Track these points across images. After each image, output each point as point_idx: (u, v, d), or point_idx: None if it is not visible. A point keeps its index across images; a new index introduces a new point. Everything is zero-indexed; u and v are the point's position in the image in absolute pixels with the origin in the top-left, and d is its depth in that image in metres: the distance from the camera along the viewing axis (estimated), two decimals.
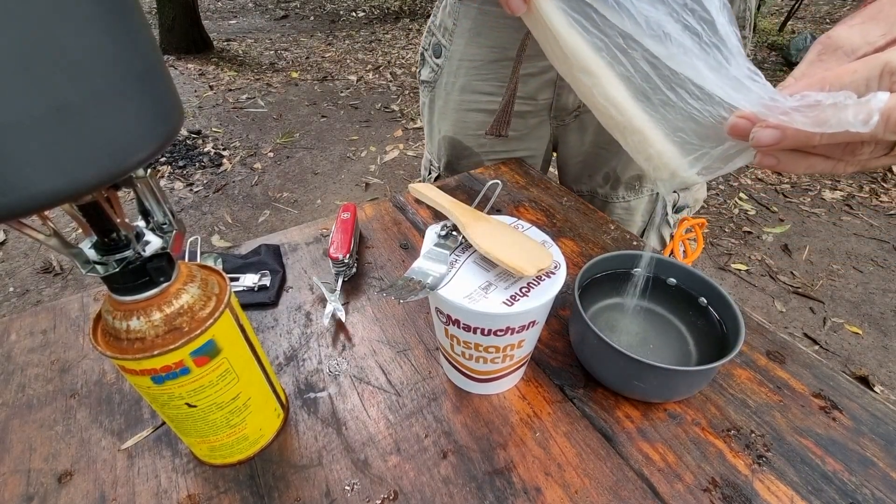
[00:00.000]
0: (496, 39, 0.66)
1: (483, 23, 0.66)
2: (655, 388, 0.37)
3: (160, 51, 0.21)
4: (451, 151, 0.79)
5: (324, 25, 5.15)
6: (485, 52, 0.67)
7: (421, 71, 0.78)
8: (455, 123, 0.75)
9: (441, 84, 0.74)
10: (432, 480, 0.35)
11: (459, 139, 0.76)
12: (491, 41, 0.66)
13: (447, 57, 0.71)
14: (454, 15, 0.68)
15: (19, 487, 0.35)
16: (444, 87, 0.74)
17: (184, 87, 3.38)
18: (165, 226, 0.27)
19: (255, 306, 0.50)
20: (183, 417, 0.31)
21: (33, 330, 0.47)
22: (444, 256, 0.36)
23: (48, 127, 0.16)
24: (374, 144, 2.67)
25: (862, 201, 2.14)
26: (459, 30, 0.68)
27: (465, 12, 0.66)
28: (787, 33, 4.57)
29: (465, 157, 0.78)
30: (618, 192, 0.75)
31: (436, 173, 0.83)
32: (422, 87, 0.79)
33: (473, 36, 0.67)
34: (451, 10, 0.68)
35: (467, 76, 0.70)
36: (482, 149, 0.76)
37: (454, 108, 0.74)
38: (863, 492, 0.33)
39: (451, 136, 0.77)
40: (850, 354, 1.44)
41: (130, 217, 0.23)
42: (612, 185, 0.75)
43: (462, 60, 0.70)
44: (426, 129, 0.83)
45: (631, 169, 0.72)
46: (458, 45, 0.69)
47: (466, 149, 0.77)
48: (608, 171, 0.74)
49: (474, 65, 0.69)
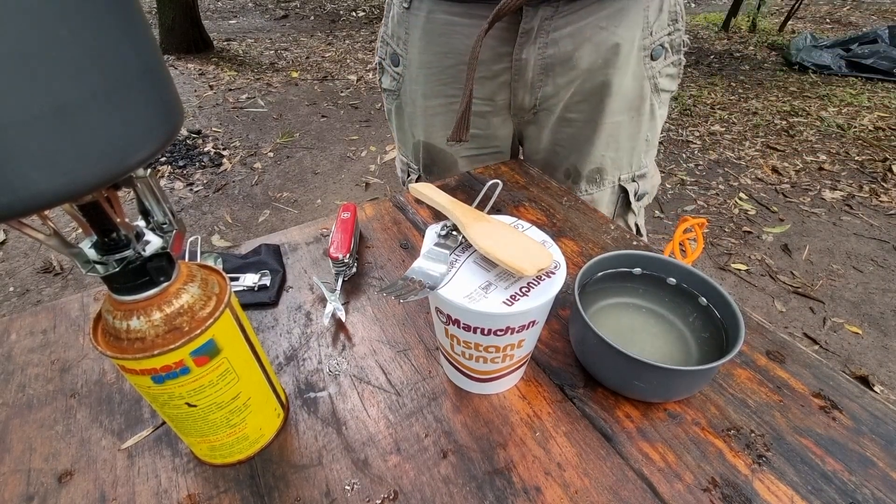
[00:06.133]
0: (447, 46, 0.67)
1: (432, 31, 0.67)
2: (655, 388, 0.37)
3: (160, 51, 0.20)
4: (426, 155, 0.80)
5: (324, 25, 5.15)
6: (440, 59, 0.69)
7: (381, 79, 0.79)
8: (425, 129, 0.77)
9: (405, 91, 0.75)
10: (432, 480, 0.35)
11: (432, 142, 0.78)
12: (443, 48, 0.67)
13: (405, 65, 0.72)
14: (404, 24, 0.69)
15: (19, 487, 0.35)
16: (410, 94, 0.75)
17: (184, 86, 3.38)
18: (165, 225, 0.27)
19: (255, 306, 0.50)
20: (183, 417, 0.31)
21: (33, 330, 0.47)
22: (444, 256, 0.36)
23: (48, 127, 0.16)
24: (374, 144, 2.67)
25: (862, 201, 2.14)
26: (412, 38, 0.69)
27: (414, 22, 0.68)
28: (787, 33, 4.57)
29: (441, 160, 0.80)
30: (580, 186, 0.77)
31: (415, 175, 0.85)
32: (384, 94, 0.81)
33: (426, 44, 0.68)
34: (400, 19, 0.69)
35: (427, 83, 0.71)
36: (455, 149, 0.78)
37: (423, 113, 0.75)
38: (863, 492, 0.33)
39: (424, 140, 0.78)
40: (850, 354, 1.44)
41: (130, 217, 0.23)
42: (574, 180, 0.77)
43: (420, 68, 0.71)
44: (397, 135, 0.85)
45: (590, 163, 0.74)
46: (414, 53, 0.70)
47: (440, 151, 0.78)
48: (567, 166, 0.76)
49: (432, 71, 0.70)
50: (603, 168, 0.74)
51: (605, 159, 0.73)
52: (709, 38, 4.54)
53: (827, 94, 3.22)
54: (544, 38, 0.62)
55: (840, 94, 3.21)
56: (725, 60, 3.96)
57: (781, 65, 3.81)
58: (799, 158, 2.48)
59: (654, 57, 0.67)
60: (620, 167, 0.75)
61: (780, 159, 2.48)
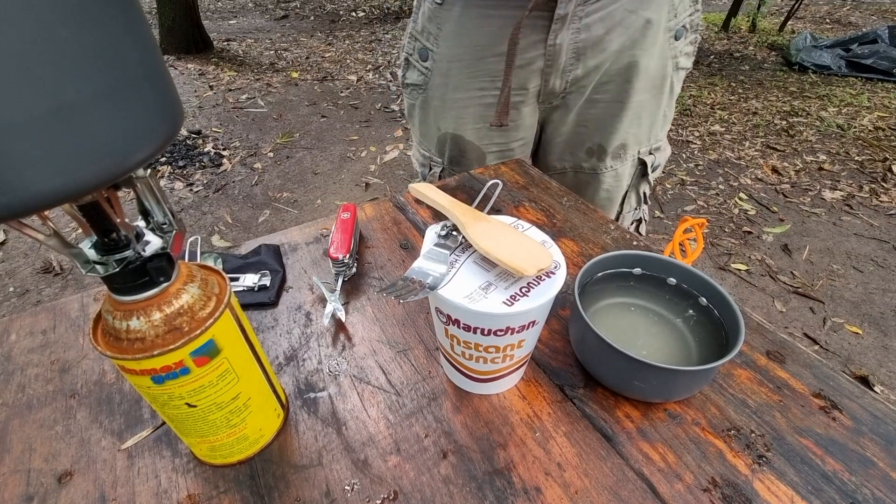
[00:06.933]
0: (480, 38, 0.69)
1: (465, 24, 0.68)
2: (655, 388, 0.37)
3: (160, 51, 0.20)
4: (453, 147, 0.82)
5: (324, 25, 5.15)
6: (472, 51, 0.70)
7: (406, 75, 0.81)
8: (456, 120, 0.78)
9: (433, 85, 0.77)
10: (432, 480, 0.35)
11: (461, 134, 0.79)
12: (476, 40, 0.69)
13: (435, 59, 0.74)
14: (436, 20, 0.71)
15: (19, 487, 0.35)
16: (438, 88, 0.76)
17: (184, 87, 3.38)
18: (165, 226, 0.27)
19: (255, 306, 0.50)
20: (183, 417, 0.31)
21: (33, 330, 0.47)
22: (444, 256, 0.36)
23: (48, 127, 0.16)
24: (374, 144, 2.67)
25: (862, 201, 2.14)
26: (444, 33, 0.71)
27: (447, 16, 0.69)
28: (787, 33, 4.57)
29: (469, 151, 0.81)
30: (605, 163, 0.79)
31: (438, 168, 0.86)
32: (407, 90, 0.82)
33: (458, 38, 0.70)
34: (432, 15, 0.71)
35: (460, 75, 0.73)
36: (482, 141, 0.79)
37: (452, 106, 0.77)
38: (863, 492, 0.33)
39: (452, 132, 0.79)
40: (850, 354, 1.44)
41: (130, 217, 0.23)
42: (599, 157, 0.79)
43: (451, 62, 0.72)
44: (420, 129, 0.86)
45: (615, 139, 0.76)
46: (445, 47, 0.72)
47: (468, 143, 0.80)
48: (591, 145, 0.78)
49: (463, 64, 0.72)
50: (626, 143, 0.77)
51: (628, 135, 0.76)
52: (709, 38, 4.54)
53: (827, 94, 3.22)
54: (577, 24, 0.64)
55: (840, 94, 3.21)
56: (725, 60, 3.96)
57: (781, 65, 3.81)
58: (799, 158, 2.48)
59: (677, 37, 0.70)
60: (640, 141, 0.78)
61: (780, 159, 2.48)
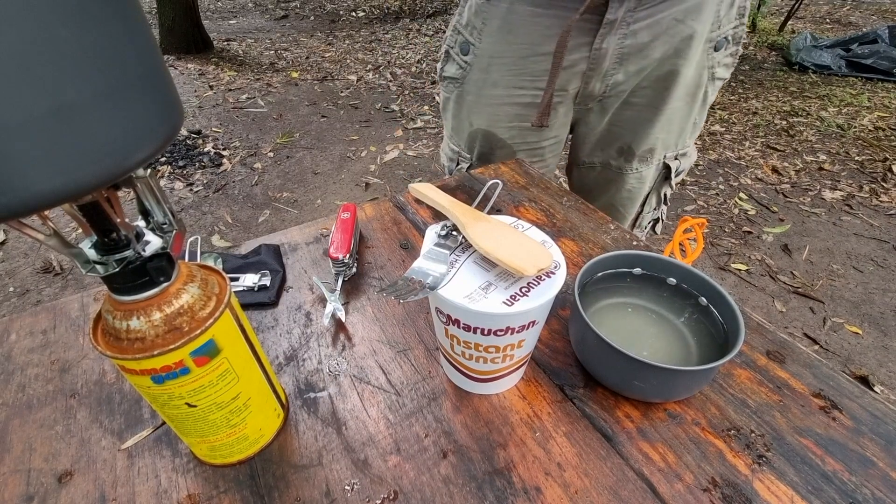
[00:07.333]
0: (526, 37, 0.68)
1: (513, 21, 0.68)
2: (655, 388, 0.37)
3: (160, 51, 0.21)
4: (484, 143, 0.82)
5: (324, 25, 5.15)
6: (515, 49, 0.70)
7: (444, 68, 0.80)
8: (490, 117, 0.78)
9: (471, 80, 0.76)
10: (432, 480, 0.35)
11: (493, 132, 0.79)
12: (521, 38, 0.69)
13: (476, 54, 0.73)
14: (482, 15, 0.70)
15: (19, 487, 0.35)
16: (475, 84, 0.76)
17: (184, 87, 3.38)
18: (165, 226, 0.27)
19: (255, 306, 0.50)
20: (183, 417, 0.31)
21: (33, 330, 0.47)
22: (444, 256, 0.36)
23: (48, 127, 0.16)
24: (374, 144, 2.67)
25: (862, 201, 2.14)
26: (489, 29, 0.70)
27: (494, 12, 0.69)
28: (787, 33, 4.56)
29: (499, 148, 0.81)
30: (632, 165, 0.80)
31: (465, 164, 0.86)
32: (444, 83, 0.82)
33: (504, 34, 0.69)
34: (479, 10, 0.71)
35: (499, 72, 0.73)
36: (514, 139, 0.80)
37: (487, 102, 0.77)
38: (863, 492, 0.33)
39: (485, 128, 0.79)
40: (850, 354, 1.44)
41: (130, 217, 0.23)
42: (626, 158, 0.80)
43: (493, 58, 0.72)
44: (452, 123, 0.86)
45: (645, 143, 0.77)
46: (488, 43, 0.71)
47: (500, 140, 0.80)
48: (622, 145, 0.78)
49: (504, 61, 0.71)
50: (655, 148, 0.78)
51: (658, 140, 0.77)
52: None
53: (827, 94, 3.22)
54: (624, 30, 0.64)
55: (840, 94, 3.21)
56: None
57: (781, 65, 3.81)
58: (799, 158, 2.48)
59: (717, 48, 0.70)
60: (668, 147, 0.79)
61: (780, 159, 2.48)
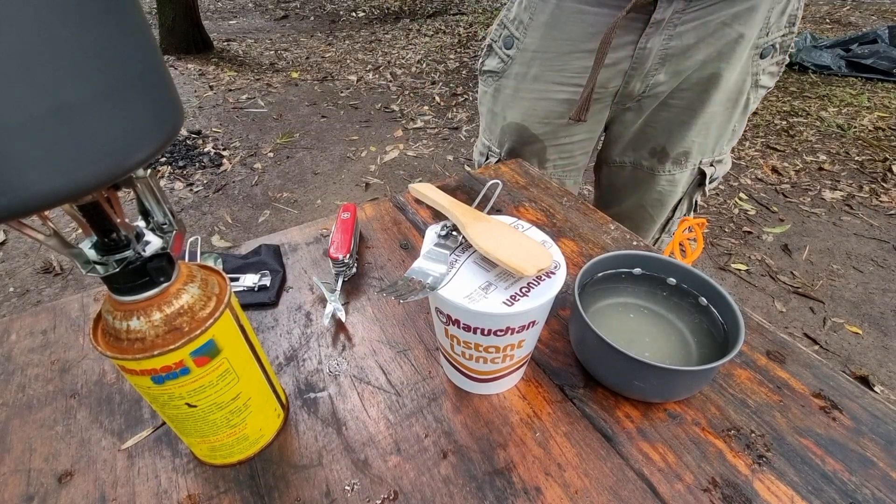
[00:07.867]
0: (571, 33, 0.69)
1: (560, 17, 0.68)
2: (655, 388, 0.37)
3: (160, 51, 0.21)
4: (516, 138, 0.82)
5: (324, 25, 5.15)
6: (559, 45, 0.70)
7: (485, 61, 0.81)
8: (525, 111, 0.78)
9: (510, 74, 0.77)
10: (432, 480, 0.35)
11: (527, 126, 0.79)
12: (566, 34, 0.69)
13: (519, 49, 0.74)
14: (530, 10, 0.71)
15: (19, 487, 0.35)
16: (515, 77, 0.76)
17: (184, 87, 3.38)
18: (165, 226, 0.27)
19: (255, 306, 0.50)
20: (183, 417, 0.31)
21: (33, 330, 0.47)
22: (444, 256, 0.36)
23: (48, 127, 0.16)
24: (374, 144, 2.67)
25: (862, 201, 2.14)
26: (535, 24, 0.71)
27: (542, 7, 0.69)
28: None
29: (530, 143, 0.81)
30: (665, 166, 0.79)
31: (495, 158, 0.86)
32: (484, 77, 0.82)
33: (549, 30, 0.70)
34: (528, 4, 0.71)
35: (541, 67, 0.73)
36: (546, 136, 0.80)
37: (525, 96, 0.77)
38: (863, 492, 0.33)
39: (518, 122, 0.80)
40: (850, 354, 1.44)
41: (130, 217, 0.23)
42: (660, 159, 0.79)
43: (536, 52, 0.72)
44: (486, 117, 0.86)
45: (680, 146, 0.76)
46: (533, 37, 0.72)
47: (532, 135, 0.80)
48: (655, 145, 0.78)
49: (547, 56, 0.72)
50: (690, 152, 0.77)
51: (693, 144, 0.76)
52: None
53: (827, 94, 3.22)
54: (671, 30, 0.64)
55: (840, 94, 3.21)
56: None
57: None
58: (799, 158, 2.48)
59: (763, 55, 0.69)
60: (704, 152, 0.78)
61: (780, 159, 2.48)
